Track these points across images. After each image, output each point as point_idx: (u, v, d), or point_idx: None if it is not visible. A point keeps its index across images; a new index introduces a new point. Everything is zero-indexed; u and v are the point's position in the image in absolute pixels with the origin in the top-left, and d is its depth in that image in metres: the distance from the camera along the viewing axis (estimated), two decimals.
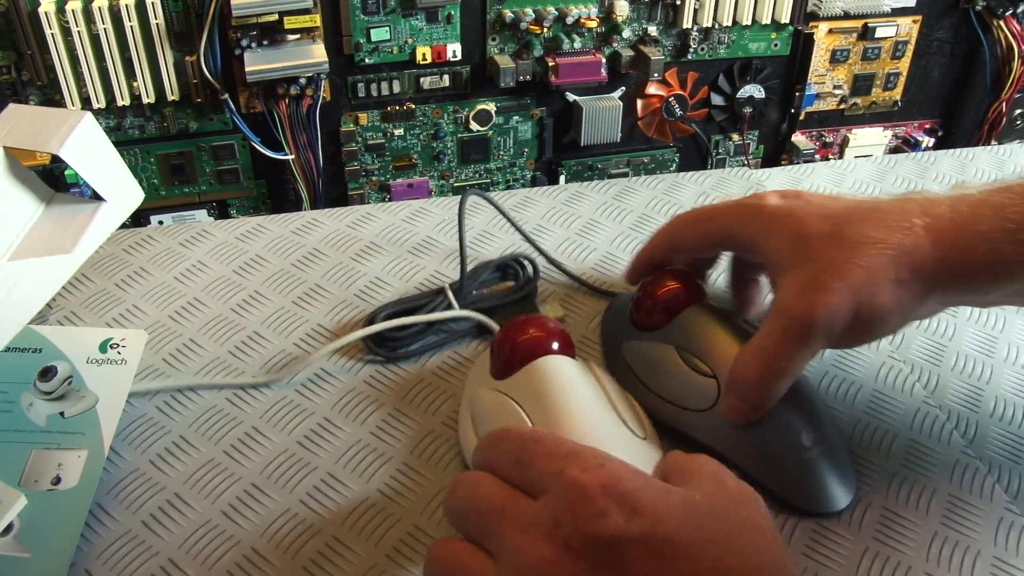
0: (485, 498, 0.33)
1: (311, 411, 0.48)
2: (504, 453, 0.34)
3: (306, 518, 0.43)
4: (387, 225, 0.61)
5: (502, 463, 0.34)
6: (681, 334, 0.47)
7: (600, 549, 0.30)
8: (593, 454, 0.33)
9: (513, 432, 0.35)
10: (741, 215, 0.46)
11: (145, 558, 0.41)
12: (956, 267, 0.40)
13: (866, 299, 0.40)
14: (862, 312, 0.40)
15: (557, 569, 0.30)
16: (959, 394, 0.51)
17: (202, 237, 0.60)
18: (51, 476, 0.43)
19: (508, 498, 0.32)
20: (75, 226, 0.43)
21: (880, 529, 0.43)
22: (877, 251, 0.40)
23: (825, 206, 0.43)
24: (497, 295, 0.55)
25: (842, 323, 0.40)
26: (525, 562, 0.30)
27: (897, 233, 0.40)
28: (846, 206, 0.43)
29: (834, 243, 0.41)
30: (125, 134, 0.79)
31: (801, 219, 0.43)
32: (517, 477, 0.33)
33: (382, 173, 0.87)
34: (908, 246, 0.40)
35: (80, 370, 0.47)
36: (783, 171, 0.70)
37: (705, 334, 0.46)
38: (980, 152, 0.74)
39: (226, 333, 0.52)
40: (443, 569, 0.33)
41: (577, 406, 0.43)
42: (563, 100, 0.88)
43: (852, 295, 0.40)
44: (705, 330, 0.46)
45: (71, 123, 0.41)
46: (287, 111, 0.79)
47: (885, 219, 0.41)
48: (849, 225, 0.41)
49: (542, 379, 0.44)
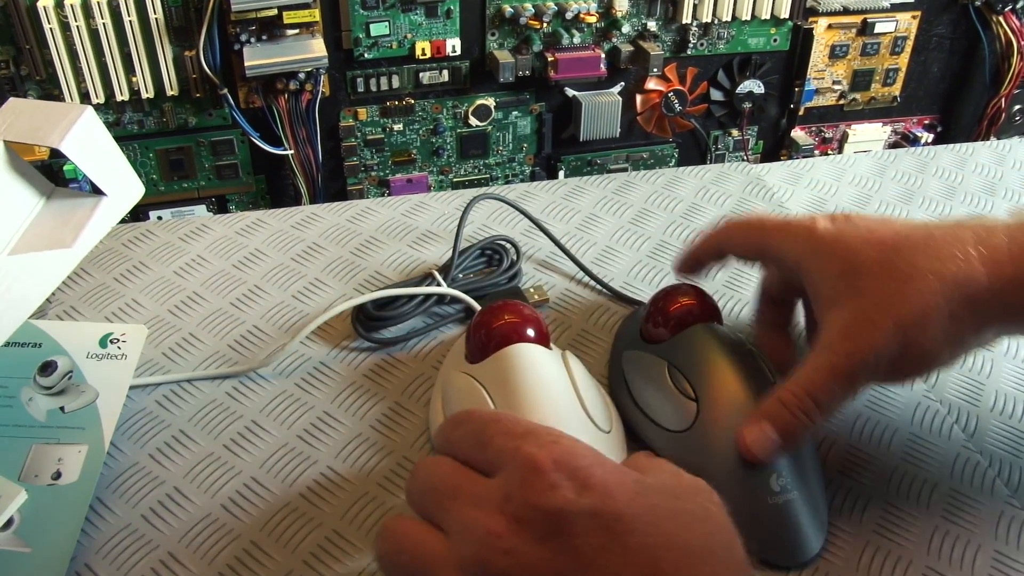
0: (441, 478, 0.33)
1: (311, 405, 0.48)
2: (464, 435, 0.34)
3: (306, 512, 0.42)
4: (387, 219, 0.61)
5: (462, 445, 0.34)
6: (677, 352, 0.46)
7: (548, 521, 0.30)
8: (548, 432, 0.33)
9: (474, 414, 0.35)
10: (791, 235, 0.44)
11: (145, 552, 0.41)
12: (1015, 301, 0.39)
13: (916, 336, 0.39)
14: (911, 349, 0.39)
15: (504, 541, 0.30)
16: (959, 388, 0.51)
17: (201, 232, 0.60)
18: (51, 471, 0.43)
19: (464, 478, 0.33)
20: (75, 220, 0.42)
21: (881, 523, 0.43)
22: (929, 284, 0.38)
23: (875, 231, 0.42)
24: (483, 278, 0.55)
25: (889, 359, 0.39)
26: (474, 535, 0.30)
27: (951, 264, 0.39)
28: (896, 232, 0.41)
29: (885, 274, 0.39)
30: (124, 129, 0.79)
31: (851, 246, 0.41)
32: (475, 457, 0.33)
33: (381, 168, 0.87)
34: (963, 278, 0.38)
35: (80, 365, 0.47)
36: (783, 166, 0.70)
37: (700, 356, 0.45)
38: (980, 147, 0.74)
39: (226, 327, 0.52)
40: (394, 546, 0.33)
41: (541, 395, 0.43)
42: (562, 95, 0.88)
43: (902, 333, 0.39)
44: (701, 352, 0.45)
45: (72, 117, 0.41)
46: (286, 106, 0.79)
47: (939, 249, 0.39)
48: (900, 255, 0.40)
49: (511, 366, 0.44)
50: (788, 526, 0.41)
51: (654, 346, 0.48)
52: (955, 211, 0.65)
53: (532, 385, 0.43)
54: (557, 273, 0.57)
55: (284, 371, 0.50)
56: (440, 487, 0.33)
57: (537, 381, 0.43)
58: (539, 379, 0.43)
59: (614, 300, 0.55)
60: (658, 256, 0.59)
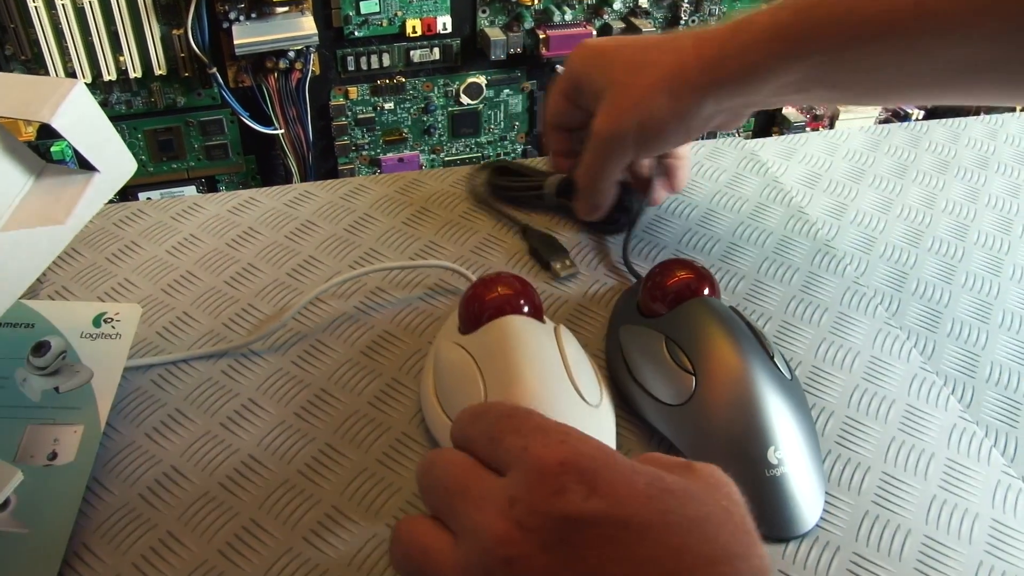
0: (452, 477, 0.32)
1: (307, 382, 0.47)
2: (479, 431, 0.33)
3: (305, 488, 0.42)
4: (381, 196, 0.61)
5: (478, 441, 0.33)
6: (674, 326, 0.46)
7: (554, 529, 0.29)
8: (558, 429, 0.32)
9: (490, 409, 0.34)
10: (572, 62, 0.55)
11: (144, 531, 0.40)
12: (721, 75, 0.48)
13: (647, 112, 0.50)
14: (646, 123, 0.50)
15: (509, 549, 0.29)
16: (955, 360, 0.51)
17: (193, 211, 0.59)
18: (47, 451, 0.42)
19: (474, 477, 0.32)
20: (67, 197, 0.42)
21: (880, 493, 0.43)
22: (655, 70, 0.49)
23: (627, 39, 0.53)
24: None
25: (634, 134, 0.50)
26: (479, 540, 0.29)
27: (671, 55, 0.50)
28: (644, 39, 0.53)
29: (628, 68, 0.51)
30: (112, 109, 0.78)
31: (607, 51, 0.52)
32: (488, 455, 0.32)
33: (372, 147, 0.87)
34: (678, 62, 0.49)
35: (74, 345, 0.47)
36: (776, 141, 0.69)
37: (697, 330, 0.45)
38: (972, 122, 0.74)
39: (220, 306, 0.52)
40: (404, 551, 0.32)
41: (529, 368, 0.42)
42: (554, 73, 0.88)
43: (636, 111, 0.50)
44: (698, 326, 0.45)
45: (62, 91, 0.40)
46: (276, 85, 0.78)
47: (663, 44, 0.51)
48: (642, 52, 0.51)
49: (500, 338, 0.43)
50: (786, 498, 0.41)
51: (651, 320, 0.48)
52: (949, 185, 0.65)
53: (520, 357, 0.42)
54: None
55: (280, 349, 0.49)
56: (451, 486, 0.32)
57: (526, 353, 0.43)
58: (528, 352, 0.43)
59: (612, 275, 0.55)
60: (653, 231, 0.59)
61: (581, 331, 0.51)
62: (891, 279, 0.56)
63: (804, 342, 0.51)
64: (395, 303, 0.52)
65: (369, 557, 0.40)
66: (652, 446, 0.45)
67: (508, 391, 0.41)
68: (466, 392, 0.43)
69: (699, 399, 0.43)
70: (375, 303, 0.52)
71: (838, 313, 0.53)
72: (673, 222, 0.60)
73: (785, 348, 0.51)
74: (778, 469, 0.42)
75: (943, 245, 0.60)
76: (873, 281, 0.56)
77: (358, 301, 0.52)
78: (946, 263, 0.58)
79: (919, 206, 0.63)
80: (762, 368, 0.44)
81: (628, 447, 0.45)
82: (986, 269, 0.58)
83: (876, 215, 0.62)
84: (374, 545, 0.40)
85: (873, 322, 0.53)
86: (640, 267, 0.55)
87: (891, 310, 0.54)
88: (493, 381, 0.42)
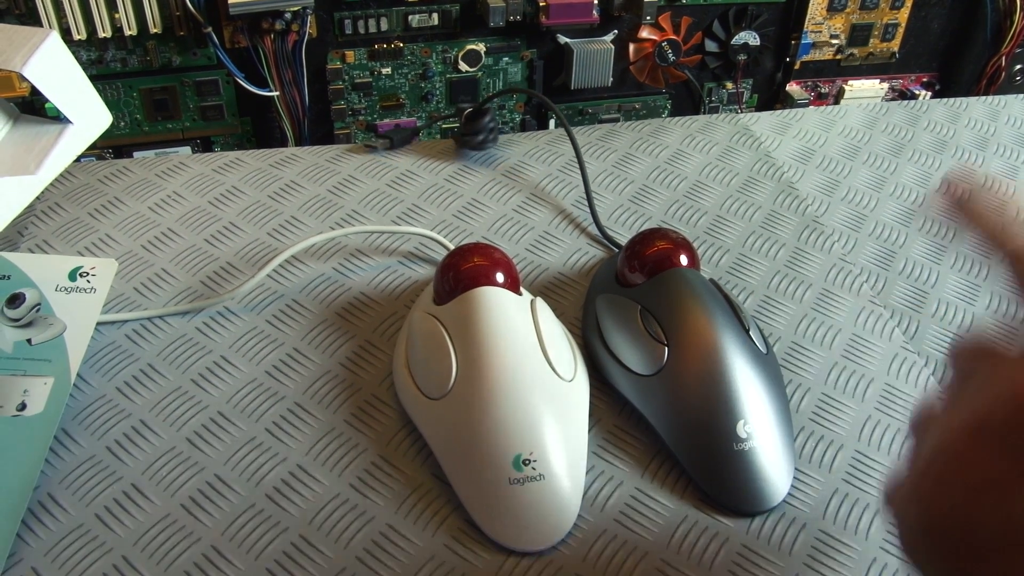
0: None
1: (280, 341, 0.47)
2: None
3: (271, 447, 0.42)
4: (367, 160, 0.61)
5: None
6: (650, 296, 0.46)
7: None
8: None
9: None
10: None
11: (109, 483, 0.40)
12: None
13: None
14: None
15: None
16: (939, 340, 0.50)
17: (179, 169, 0.59)
18: (16, 402, 0.42)
19: None
20: (40, 147, 0.42)
21: (851, 471, 0.43)
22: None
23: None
24: None
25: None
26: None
27: None
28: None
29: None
30: (107, 67, 0.78)
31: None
32: None
33: (369, 113, 0.86)
34: None
35: (48, 297, 0.47)
36: (771, 115, 0.69)
37: (672, 300, 0.45)
38: (973, 102, 0.73)
39: (199, 263, 0.52)
40: None
41: (501, 340, 0.42)
42: (554, 42, 0.87)
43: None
44: (673, 296, 0.45)
45: (35, 41, 0.40)
46: (272, 47, 0.77)
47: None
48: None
49: (473, 309, 0.43)
50: (753, 473, 0.41)
51: (628, 290, 0.47)
52: (945, 165, 0.64)
53: (493, 329, 0.42)
54: (535, 215, 0.57)
55: (255, 307, 0.49)
56: None
57: (498, 326, 0.42)
58: (501, 324, 0.42)
59: (593, 243, 0.55)
60: (640, 201, 0.58)
61: (560, 301, 0.51)
62: (879, 258, 0.56)
63: (785, 317, 0.51)
64: (374, 267, 0.52)
65: (331, 516, 0.40)
66: (623, 416, 0.45)
67: (479, 364, 0.41)
68: (436, 363, 0.42)
69: (670, 370, 0.43)
70: (353, 266, 0.52)
71: (822, 290, 0.53)
72: (661, 193, 0.59)
73: (765, 323, 0.50)
74: (746, 443, 0.41)
75: (934, 225, 0.59)
76: (860, 259, 0.55)
77: (336, 263, 0.52)
78: (936, 243, 0.57)
79: (913, 185, 0.62)
80: (735, 341, 0.43)
81: (598, 416, 0.45)
82: (976, 250, 0.57)
83: (869, 193, 0.61)
84: (336, 504, 0.40)
85: (857, 300, 0.52)
86: (623, 237, 0.55)
87: (876, 288, 0.53)
88: (464, 353, 0.42)
